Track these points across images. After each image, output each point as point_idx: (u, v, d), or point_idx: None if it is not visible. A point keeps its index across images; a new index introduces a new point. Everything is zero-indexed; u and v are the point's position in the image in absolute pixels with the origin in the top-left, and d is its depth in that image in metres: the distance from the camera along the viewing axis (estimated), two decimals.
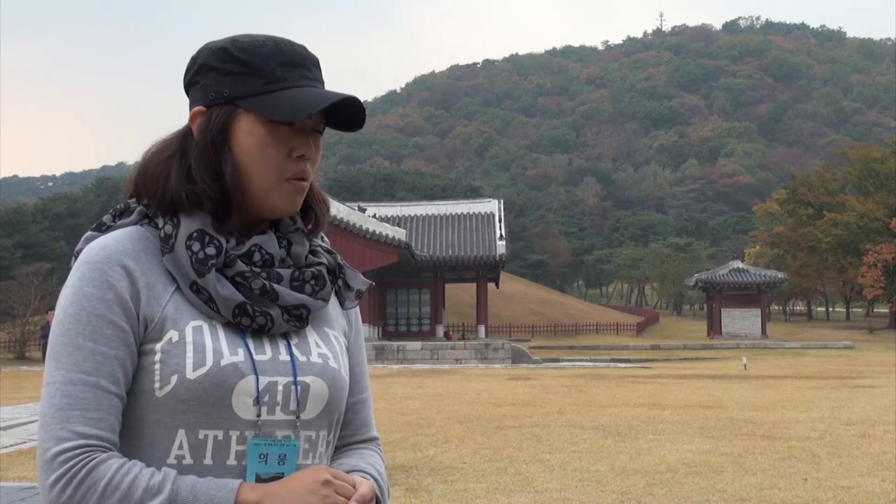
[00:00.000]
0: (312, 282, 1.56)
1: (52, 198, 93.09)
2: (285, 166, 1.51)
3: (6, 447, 12.01)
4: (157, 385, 1.45)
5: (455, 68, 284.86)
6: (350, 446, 1.68)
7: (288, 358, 1.51)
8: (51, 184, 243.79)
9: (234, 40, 1.53)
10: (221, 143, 1.51)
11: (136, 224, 1.54)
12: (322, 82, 1.56)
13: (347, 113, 1.54)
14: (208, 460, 1.44)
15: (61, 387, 1.41)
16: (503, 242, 47.16)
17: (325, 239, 1.69)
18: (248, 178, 1.51)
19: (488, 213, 50.55)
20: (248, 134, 1.50)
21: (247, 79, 1.50)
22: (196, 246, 1.48)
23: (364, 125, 1.58)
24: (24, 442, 12.58)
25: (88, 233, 1.57)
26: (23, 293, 45.38)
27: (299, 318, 1.54)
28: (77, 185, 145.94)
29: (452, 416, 15.47)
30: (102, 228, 1.56)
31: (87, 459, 1.37)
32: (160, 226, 1.52)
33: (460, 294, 64.21)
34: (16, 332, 43.56)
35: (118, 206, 1.60)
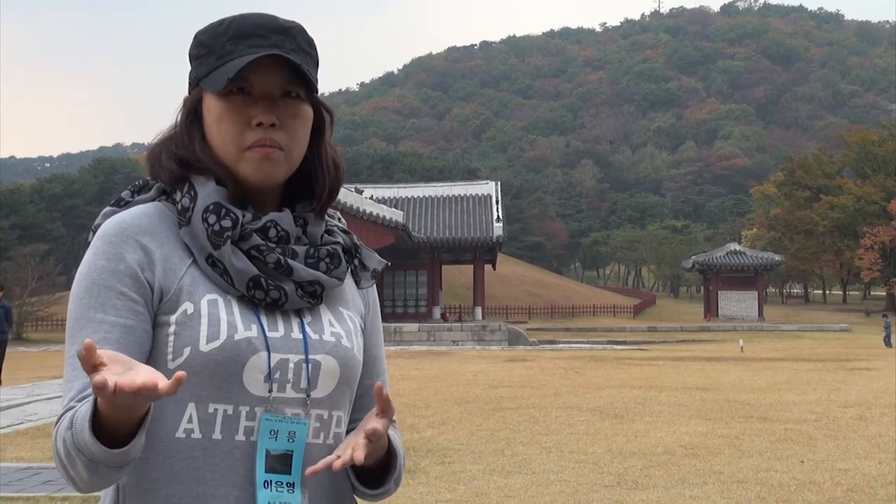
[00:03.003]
0: (328, 259, 1.58)
1: (48, 179, 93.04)
2: (244, 136, 1.52)
3: (3, 428, 12.00)
4: (169, 357, 1.46)
5: (452, 50, 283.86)
6: None
7: (300, 336, 1.52)
8: (48, 165, 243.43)
9: (205, 26, 1.58)
10: (191, 123, 1.57)
11: (154, 200, 1.57)
12: (292, 48, 1.53)
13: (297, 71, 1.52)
14: (217, 434, 1.45)
15: (71, 360, 1.43)
16: (500, 224, 47.10)
17: (342, 220, 1.71)
18: (216, 151, 1.54)
19: (485, 194, 50.42)
20: (207, 110, 1.55)
21: (205, 59, 1.55)
22: (212, 218, 1.50)
23: (315, 85, 1.56)
24: (21, 423, 12.58)
25: (107, 208, 1.59)
26: (20, 274, 45.47)
27: (313, 295, 1.55)
28: (74, 166, 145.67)
29: (449, 398, 15.49)
30: (121, 204, 1.59)
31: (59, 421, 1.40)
32: (177, 199, 1.54)
33: (457, 276, 64.19)
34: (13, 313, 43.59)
35: (137, 183, 1.63)
